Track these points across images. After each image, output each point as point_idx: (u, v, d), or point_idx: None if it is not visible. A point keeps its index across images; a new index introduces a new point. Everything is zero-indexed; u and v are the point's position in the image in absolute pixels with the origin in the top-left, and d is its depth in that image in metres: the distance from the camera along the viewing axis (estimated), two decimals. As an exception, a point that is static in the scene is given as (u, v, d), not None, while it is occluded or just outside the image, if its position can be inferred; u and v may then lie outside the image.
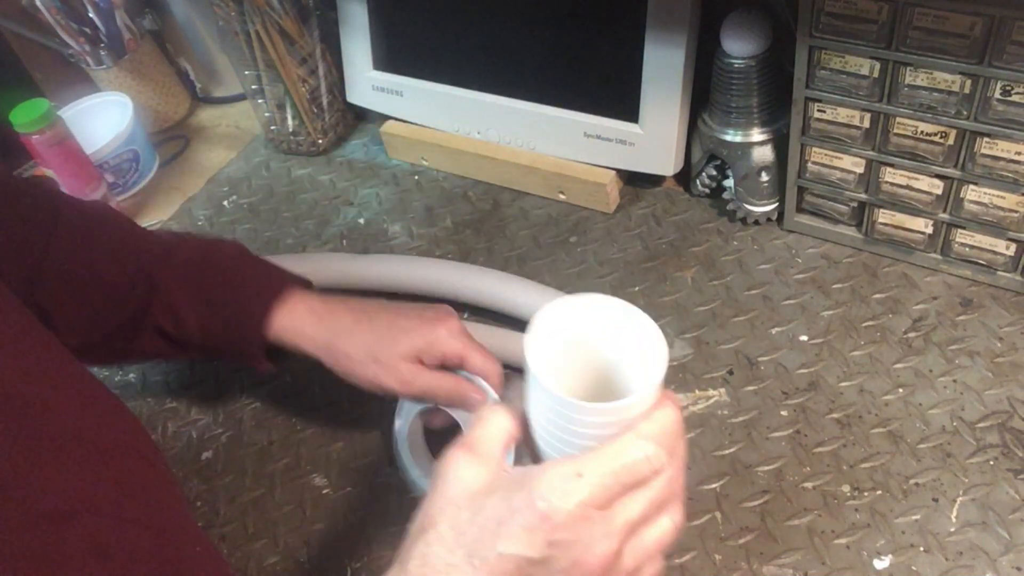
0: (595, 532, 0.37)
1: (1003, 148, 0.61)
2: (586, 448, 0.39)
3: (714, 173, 0.78)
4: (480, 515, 0.38)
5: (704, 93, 0.75)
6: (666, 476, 0.39)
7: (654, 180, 0.84)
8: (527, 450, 0.43)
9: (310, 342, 0.61)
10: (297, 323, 0.61)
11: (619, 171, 0.83)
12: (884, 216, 0.70)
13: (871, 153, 0.67)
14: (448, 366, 0.60)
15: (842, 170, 0.70)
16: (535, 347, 0.40)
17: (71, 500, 0.38)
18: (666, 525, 0.40)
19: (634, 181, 0.85)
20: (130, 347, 0.65)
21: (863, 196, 0.70)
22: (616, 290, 0.75)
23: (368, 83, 0.94)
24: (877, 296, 0.70)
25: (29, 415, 0.39)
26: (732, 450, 0.62)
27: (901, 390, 0.63)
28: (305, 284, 0.65)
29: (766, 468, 0.60)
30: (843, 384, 0.64)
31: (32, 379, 0.41)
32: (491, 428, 0.42)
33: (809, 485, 0.59)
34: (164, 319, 0.63)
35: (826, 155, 0.70)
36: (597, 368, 0.43)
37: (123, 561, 0.38)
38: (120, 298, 0.63)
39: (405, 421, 0.62)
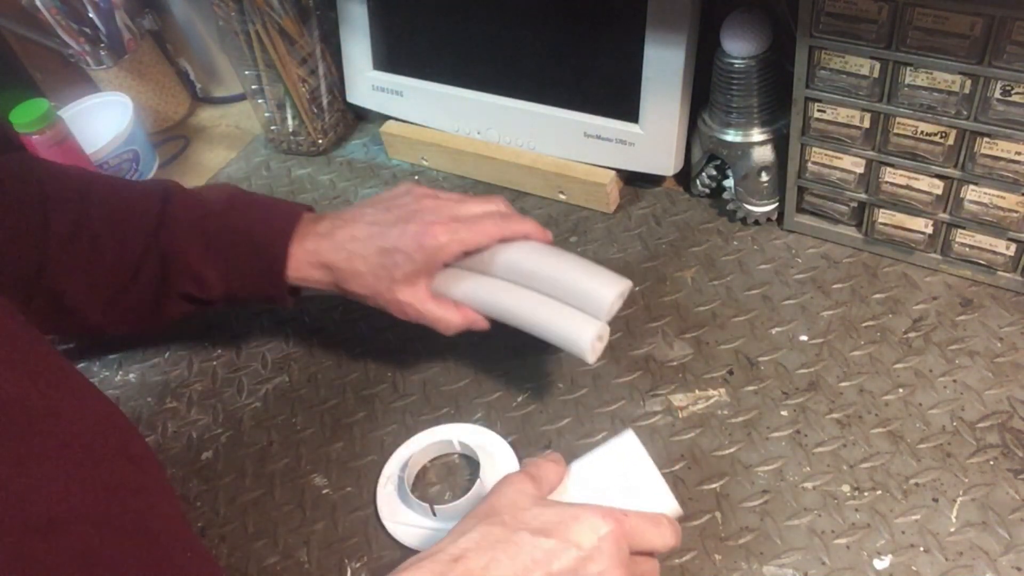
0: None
1: (1003, 148, 0.61)
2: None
3: (714, 173, 0.78)
4: (538, 518, 0.46)
5: (704, 93, 0.75)
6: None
7: (654, 180, 0.84)
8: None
9: (321, 284, 0.65)
10: (305, 271, 0.64)
11: (619, 171, 0.83)
12: (884, 216, 0.70)
13: (871, 153, 0.67)
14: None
15: (842, 170, 0.70)
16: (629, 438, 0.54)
17: (58, 508, 0.37)
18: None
19: (634, 181, 0.85)
20: (156, 315, 0.67)
21: (863, 196, 0.70)
22: (616, 290, 0.75)
23: (368, 83, 0.94)
24: (877, 296, 0.70)
25: (15, 419, 0.38)
26: (732, 450, 0.62)
27: (901, 390, 0.63)
28: (299, 212, 0.66)
29: (766, 468, 0.60)
30: (843, 384, 0.64)
31: (20, 382, 0.40)
32: (551, 471, 0.51)
33: (809, 485, 0.59)
34: (188, 285, 0.65)
35: (826, 155, 0.70)
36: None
37: (110, 570, 0.38)
38: (131, 274, 0.64)
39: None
